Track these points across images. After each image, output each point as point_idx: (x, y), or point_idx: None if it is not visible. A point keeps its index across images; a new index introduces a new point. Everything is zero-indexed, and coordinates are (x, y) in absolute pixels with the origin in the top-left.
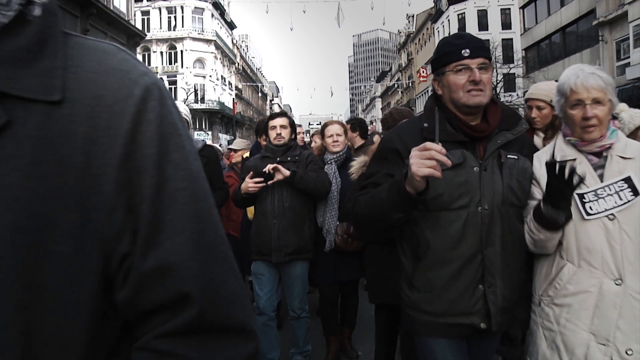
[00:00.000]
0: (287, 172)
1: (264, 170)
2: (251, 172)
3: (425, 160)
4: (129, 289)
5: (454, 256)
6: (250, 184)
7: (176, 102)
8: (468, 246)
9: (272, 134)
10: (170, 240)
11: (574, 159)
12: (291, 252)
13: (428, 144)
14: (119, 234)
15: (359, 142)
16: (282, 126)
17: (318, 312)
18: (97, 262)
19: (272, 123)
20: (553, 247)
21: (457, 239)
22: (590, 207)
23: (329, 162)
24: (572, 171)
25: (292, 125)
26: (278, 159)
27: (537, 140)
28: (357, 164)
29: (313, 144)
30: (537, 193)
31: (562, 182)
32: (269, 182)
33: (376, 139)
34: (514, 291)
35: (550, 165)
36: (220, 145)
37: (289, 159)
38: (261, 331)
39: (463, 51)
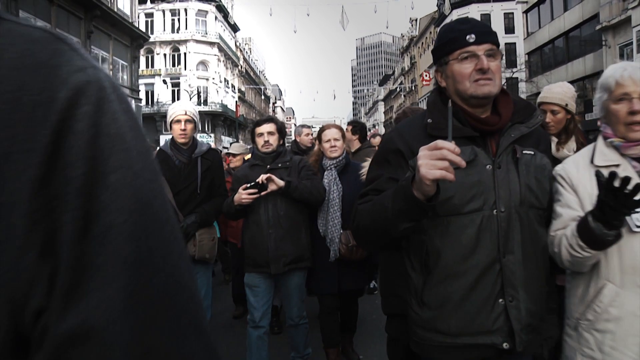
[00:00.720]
0: (281, 183)
1: (257, 180)
2: (245, 185)
3: (435, 161)
4: (44, 356)
5: (468, 267)
6: (244, 195)
7: (182, 101)
8: (484, 255)
9: (260, 141)
10: (97, 294)
11: (618, 165)
12: (290, 261)
13: (439, 142)
14: (30, 283)
15: (356, 145)
16: (269, 133)
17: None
18: (4, 318)
19: (258, 130)
20: (590, 265)
21: (471, 247)
22: (639, 219)
23: (329, 168)
24: (638, 189)
25: (280, 131)
26: (268, 166)
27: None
28: (368, 165)
29: (311, 144)
30: (574, 202)
31: (620, 200)
32: (263, 193)
33: (377, 140)
34: (540, 304)
35: (605, 178)
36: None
37: (279, 165)
38: (254, 345)
39: (468, 37)
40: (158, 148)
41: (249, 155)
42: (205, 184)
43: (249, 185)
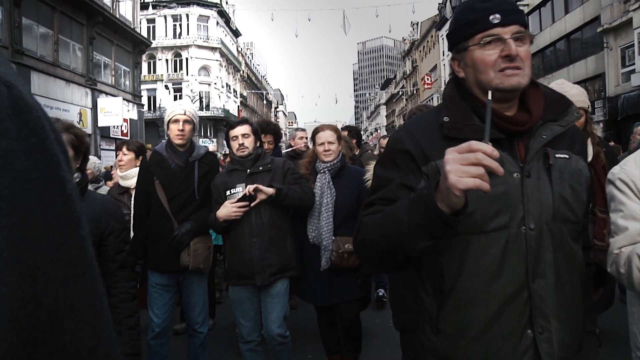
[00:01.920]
0: (270, 191)
1: (244, 193)
2: (232, 200)
3: (468, 166)
4: None
5: (491, 293)
6: (233, 209)
7: (182, 101)
8: (510, 279)
9: (234, 145)
10: None
11: None
12: (276, 271)
13: (474, 144)
14: None
15: (355, 150)
16: (243, 135)
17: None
18: None
19: (232, 133)
20: None
21: (495, 270)
22: None
23: (322, 171)
24: None
25: (256, 133)
26: (249, 170)
27: None
28: (373, 169)
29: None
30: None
31: None
32: (252, 204)
33: (385, 142)
34: (576, 334)
35: None
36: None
37: (260, 168)
38: (248, 358)
39: (491, 17)
40: (153, 149)
41: None
42: (202, 189)
43: (236, 199)
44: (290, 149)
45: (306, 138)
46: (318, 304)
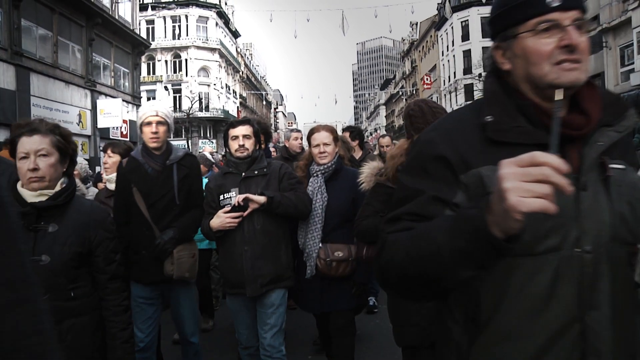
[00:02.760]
0: (261, 199)
1: (233, 204)
2: (225, 209)
3: (533, 184)
4: None
5: (537, 327)
6: (227, 220)
7: (153, 101)
8: (560, 310)
9: (234, 145)
10: None
11: None
12: (268, 282)
13: (539, 156)
14: None
15: (358, 151)
16: (245, 136)
17: (315, 343)
18: None
19: (232, 132)
20: None
21: (543, 299)
22: None
23: (315, 174)
24: None
25: (257, 135)
26: (243, 173)
27: None
28: (368, 170)
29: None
30: None
31: None
32: (245, 213)
33: (386, 140)
34: None
35: None
36: (215, 153)
37: (256, 172)
38: None
39: None
40: (129, 155)
41: None
42: (183, 193)
43: (229, 207)
44: (280, 150)
45: (301, 139)
46: (310, 311)
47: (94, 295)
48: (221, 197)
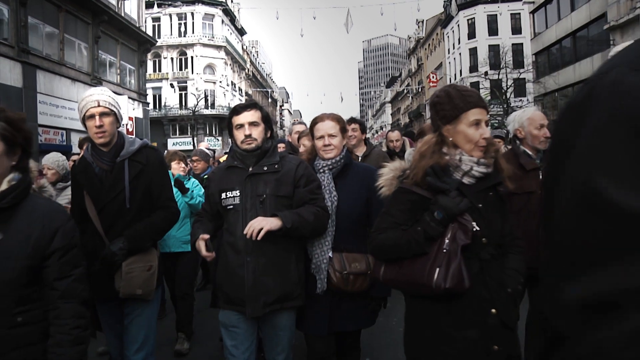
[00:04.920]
0: (273, 225)
1: (245, 233)
2: (202, 237)
3: None
4: None
5: None
6: (203, 250)
7: (94, 89)
8: None
9: (239, 135)
10: None
11: None
12: (273, 301)
13: None
14: None
15: (361, 147)
16: (252, 124)
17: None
18: None
19: (236, 120)
20: None
21: None
22: None
23: (322, 171)
24: None
25: (267, 120)
26: (250, 168)
27: None
28: (389, 171)
29: (302, 148)
30: None
31: None
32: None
33: (395, 135)
34: None
35: None
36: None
37: (265, 168)
38: None
39: None
40: (81, 154)
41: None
42: (138, 194)
43: (231, 208)
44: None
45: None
46: (314, 333)
47: (48, 320)
48: (223, 195)
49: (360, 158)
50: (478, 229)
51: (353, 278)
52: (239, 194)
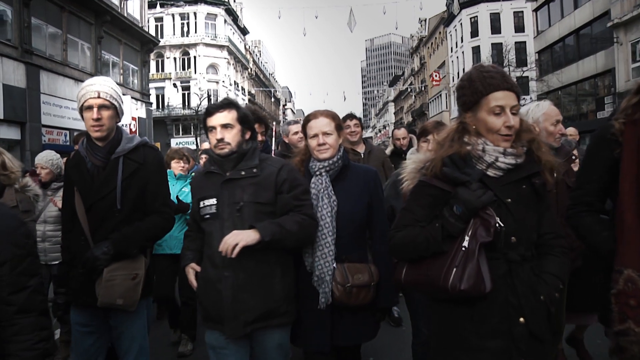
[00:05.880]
0: (250, 239)
1: (219, 250)
2: (192, 267)
3: None
4: None
5: None
6: (193, 282)
7: (95, 78)
8: None
9: (211, 138)
10: None
11: None
12: (253, 320)
13: None
14: None
15: (361, 144)
16: (224, 126)
17: None
18: None
19: (208, 122)
20: None
21: None
22: None
23: (318, 173)
24: None
25: (245, 121)
26: (228, 173)
27: None
28: (412, 165)
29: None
30: None
31: None
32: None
33: (402, 132)
34: None
35: None
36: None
37: (242, 173)
38: None
39: None
40: (76, 149)
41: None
42: (131, 195)
43: (208, 217)
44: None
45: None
46: (314, 349)
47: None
48: (201, 204)
49: (362, 155)
50: (502, 225)
51: (356, 291)
52: (215, 202)
